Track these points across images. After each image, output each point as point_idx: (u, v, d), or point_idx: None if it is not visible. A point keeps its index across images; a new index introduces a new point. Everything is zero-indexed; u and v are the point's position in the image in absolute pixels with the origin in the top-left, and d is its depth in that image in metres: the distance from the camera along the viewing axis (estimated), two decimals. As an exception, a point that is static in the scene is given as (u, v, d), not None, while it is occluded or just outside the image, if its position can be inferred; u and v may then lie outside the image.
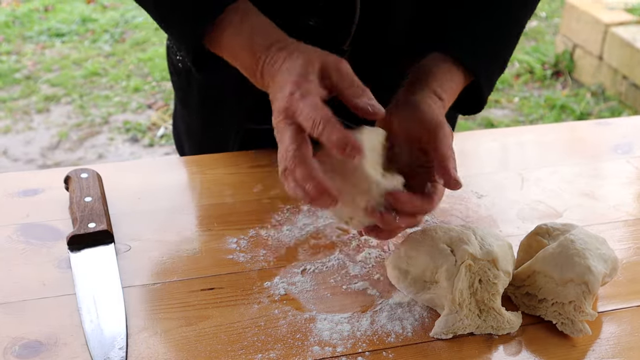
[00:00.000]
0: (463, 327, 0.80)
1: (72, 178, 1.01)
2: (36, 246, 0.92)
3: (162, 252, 0.92)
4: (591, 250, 0.84)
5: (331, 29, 1.00)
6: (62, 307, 0.83)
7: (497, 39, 0.98)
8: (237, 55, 0.85)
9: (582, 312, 0.81)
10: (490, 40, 0.97)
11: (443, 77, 0.91)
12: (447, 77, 0.91)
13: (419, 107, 0.85)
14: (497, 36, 0.98)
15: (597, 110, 3.67)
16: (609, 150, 1.20)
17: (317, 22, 0.99)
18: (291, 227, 0.98)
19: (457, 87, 0.93)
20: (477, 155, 1.20)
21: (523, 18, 1.02)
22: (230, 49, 0.86)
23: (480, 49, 0.94)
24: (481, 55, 0.94)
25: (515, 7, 1.00)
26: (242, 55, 0.84)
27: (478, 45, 0.95)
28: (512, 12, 1.00)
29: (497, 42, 0.98)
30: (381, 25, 1.01)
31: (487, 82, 0.96)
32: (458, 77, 0.92)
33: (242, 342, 0.79)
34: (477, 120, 3.60)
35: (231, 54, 0.86)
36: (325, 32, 0.99)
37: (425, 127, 0.84)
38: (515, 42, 1.03)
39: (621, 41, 3.67)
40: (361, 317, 0.83)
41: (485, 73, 0.95)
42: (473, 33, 0.96)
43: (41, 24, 4.56)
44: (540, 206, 1.04)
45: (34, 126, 3.46)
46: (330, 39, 1.00)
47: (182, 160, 1.09)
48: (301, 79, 0.76)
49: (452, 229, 0.85)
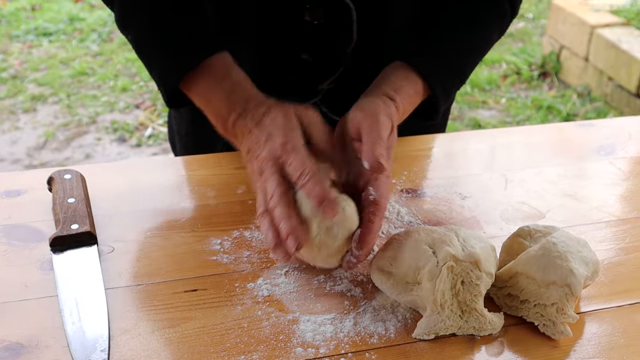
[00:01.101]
0: (445, 328, 0.80)
1: (55, 179, 1.00)
2: (18, 247, 0.92)
3: (145, 253, 0.92)
4: (573, 253, 0.85)
5: (323, 62, 1.07)
6: (44, 309, 0.82)
7: (458, 52, 1.01)
8: (211, 103, 0.92)
9: (564, 314, 0.81)
10: (450, 53, 0.99)
11: (397, 82, 0.94)
12: (402, 83, 0.94)
13: (364, 104, 0.89)
14: (458, 50, 1.01)
15: (583, 112, 3.70)
16: (592, 152, 1.21)
17: (309, 56, 1.06)
18: (275, 229, 0.97)
19: (413, 93, 0.95)
20: (462, 157, 1.20)
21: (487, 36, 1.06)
22: (206, 96, 0.92)
23: (438, 60, 0.98)
24: (439, 65, 0.97)
25: (479, 25, 1.04)
26: (217, 104, 0.91)
27: (437, 56, 0.98)
28: (476, 29, 1.03)
29: (457, 56, 1.00)
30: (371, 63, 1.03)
31: (443, 93, 0.99)
32: (415, 83, 0.95)
33: (225, 344, 0.78)
34: (464, 121, 3.61)
35: (205, 101, 0.93)
36: (317, 65, 1.06)
37: (362, 119, 0.87)
38: (478, 58, 1.07)
39: (606, 43, 3.70)
40: (344, 318, 0.83)
41: (442, 84, 0.97)
42: (433, 44, 0.99)
43: (28, 23, 4.54)
44: (524, 207, 1.05)
45: (21, 126, 3.44)
46: (322, 71, 1.08)
47: (166, 161, 1.09)
48: (289, 132, 0.82)
49: (434, 231, 0.86)
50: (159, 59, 0.95)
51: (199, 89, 0.93)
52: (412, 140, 1.19)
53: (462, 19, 1.03)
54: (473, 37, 1.03)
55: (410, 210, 1.03)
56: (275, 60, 1.08)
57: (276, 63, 1.08)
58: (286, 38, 1.05)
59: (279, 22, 1.04)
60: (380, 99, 0.90)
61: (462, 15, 1.03)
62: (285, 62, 1.08)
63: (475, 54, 1.05)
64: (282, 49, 1.07)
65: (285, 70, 1.09)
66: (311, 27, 1.03)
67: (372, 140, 0.84)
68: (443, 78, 0.98)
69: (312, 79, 1.10)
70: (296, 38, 1.05)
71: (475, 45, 1.04)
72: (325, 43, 1.05)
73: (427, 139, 1.22)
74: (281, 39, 1.06)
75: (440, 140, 1.23)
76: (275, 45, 1.07)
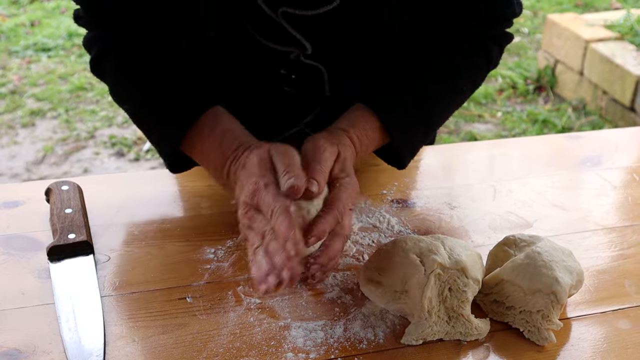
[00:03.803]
0: (432, 334, 0.83)
1: (52, 190, 1.03)
2: (16, 257, 0.94)
3: (140, 262, 0.94)
4: (557, 262, 0.87)
5: (303, 95, 1.10)
6: (41, 316, 0.84)
7: (419, 96, 1.01)
8: (208, 156, 0.93)
9: (549, 321, 0.84)
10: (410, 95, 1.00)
11: (353, 119, 0.96)
12: (357, 119, 0.96)
13: (315, 138, 0.90)
14: (419, 93, 1.01)
15: (578, 125, 3.72)
16: (579, 163, 1.23)
17: (291, 89, 1.09)
18: (268, 238, 0.99)
19: (369, 128, 0.96)
20: (452, 168, 1.23)
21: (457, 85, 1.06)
22: (202, 150, 0.94)
23: (394, 99, 0.99)
24: (395, 104, 0.98)
25: (449, 73, 1.04)
26: (213, 156, 0.92)
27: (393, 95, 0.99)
28: (446, 76, 1.04)
29: (418, 99, 1.00)
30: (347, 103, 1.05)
31: (403, 137, 0.99)
32: (370, 120, 0.96)
33: (217, 350, 0.80)
34: (460, 135, 3.64)
35: (202, 155, 0.95)
36: (298, 97, 1.10)
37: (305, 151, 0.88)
38: (447, 106, 1.07)
39: (601, 57, 3.73)
40: (335, 324, 0.85)
41: (398, 122, 0.98)
42: (392, 86, 1.00)
43: (27, 38, 4.57)
44: (512, 217, 1.07)
45: (19, 140, 3.46)
46: (304, 102, 1.11)
47: (161, 174, 1.11)
48: (260, 175, 0.83)
49: (421, 240, 0.88)
50: (157, 126, 0.97)
51: (196, 145, 0.94)
52: (403, 152, 1.22)
53: (431, 65, 1.03)
54: (440, 83, 1.03)
55: (401, 220, 1.05)
56: (259, 94, 1.12)
57: (260, 96, 1.12)
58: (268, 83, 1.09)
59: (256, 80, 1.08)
60: (330, 132, 0.92)
61: (431, 62, 1.04)
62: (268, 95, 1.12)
63: (442, 101, 1.05)
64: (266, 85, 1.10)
65: (269, 103, 1.12)
66: (287, 78, 1.07)
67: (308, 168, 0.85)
68: (400, 122, 0.98)
69: (295, 111, 1.13)
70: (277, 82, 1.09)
71: (443, 91, 1.04)
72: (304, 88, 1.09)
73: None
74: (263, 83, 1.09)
75: (431, 152, 1.26)
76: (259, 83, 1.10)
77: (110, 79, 1.02)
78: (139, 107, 1.00)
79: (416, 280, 0.83)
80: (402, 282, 0.85)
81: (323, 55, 1.04)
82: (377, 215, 1.06)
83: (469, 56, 1.06)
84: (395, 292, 0.86)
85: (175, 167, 1.00)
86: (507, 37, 1.09)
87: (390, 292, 0.86)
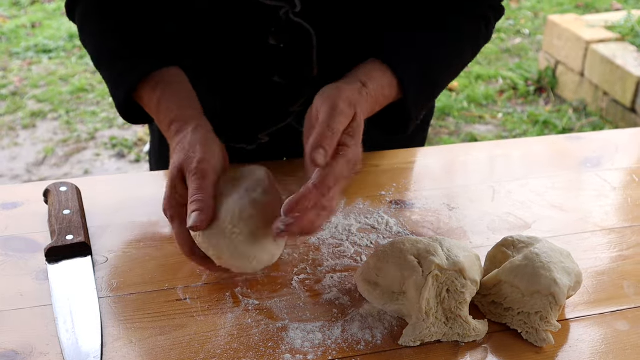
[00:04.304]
0: (430, 335, 0.82)
1: (51, 191, 1.02)
2: (14, 258, 0.94)
3: (138, 263, 0.94)
4: (555, 264, 0.87)
5: (293, 85, 1.11)
6: (39, 317, 0.84)
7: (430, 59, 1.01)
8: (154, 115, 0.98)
9: (547, 323, 0.84)
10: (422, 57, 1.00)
11: (371, 72, 0.94)
12: (375, 73, 0.94)
13: (328, 90, 0.87)
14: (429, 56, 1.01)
15: (579, 126, 3.72)
16: (578, 164, 1.23)
17: (280, 79, 1.10)
18: (266, 239, 0.99)
19: (386, 84, 0.95)
20: (450, 169, 1.23)
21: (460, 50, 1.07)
22: (149, 107, 0.98)
23: (410, 61, 0.99)
24: (411, 65, 0.98)
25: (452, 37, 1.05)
26: (155, 117, 0.97)
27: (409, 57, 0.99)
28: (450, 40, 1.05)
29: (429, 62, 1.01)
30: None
31: (414, 98, 0.98)
32: (388, 76, 0.95)
33: (215, 351, 0.80)
34: (461, 136, 3.64)
35: (150, 111, 0.98)
36: (287, 88, 1.11)
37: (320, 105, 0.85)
38: (449, 71, 1.07)
39: (602, 58, 3.73)
40: (333, 326, 0.85)
41: (413, 85, 0.97)
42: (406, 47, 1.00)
43: (28, 40, 4.58)
44: (510, 218, 1.07)
45: (20, 142, 3.47)
46: (292, 94, 1.12)
47: (159, 175, 1.11)
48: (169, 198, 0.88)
49: (419, 241, 0.88)
50: (113, 70, 1.00)
51: (144, 102, 0.98)
52: (401, 153, 1.22)
53: (436, 30, 1.04)
54: (446, 46, 1.04)
55: (399, 221, 1.05)
56: (248, 84, 1.12)
57: (249, 87, 1.12)
58: (256, 61, 1.09)
59: (245, 45, 1.08)
60: (348, 84, 0.89)
61: (435, 27, 1.04)
62: (257, 86, 1.12)
63: (447, 64, 1.05)
64: (254, 72, 1.10)
65: (258, 94, 1.13)
66: (276, 51, 1.07)
67: (319, 132, 0.82)
68: (414, 80, 0.98)
69: (283, 102, 1.13)
70: (266, 61, 1.09)
71: (448, 55, 1.05)
72: (292, 66, 1.09)
73: (416, 152, 1.24)
74: (251, 62, 1.09)
75: (429, 153, 1.26)
76: (247, 69, 1.10)
77: (79, 22, 1.06)
78: (99, 53, 1.04)
79: (414, 281, 0.83)
80: (400, 283, 0.85)
81: (312, 15, 1.03)
82: (375, 216, 1.06)
83: (470, 23, 1.07)
84: (393, 293, 0.86)
85: (130, 117, 1.02)
86: (501, 10, 1.11)
87: (388, 294, 0.86)
